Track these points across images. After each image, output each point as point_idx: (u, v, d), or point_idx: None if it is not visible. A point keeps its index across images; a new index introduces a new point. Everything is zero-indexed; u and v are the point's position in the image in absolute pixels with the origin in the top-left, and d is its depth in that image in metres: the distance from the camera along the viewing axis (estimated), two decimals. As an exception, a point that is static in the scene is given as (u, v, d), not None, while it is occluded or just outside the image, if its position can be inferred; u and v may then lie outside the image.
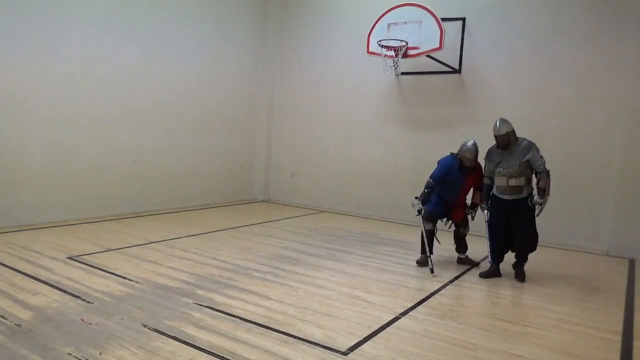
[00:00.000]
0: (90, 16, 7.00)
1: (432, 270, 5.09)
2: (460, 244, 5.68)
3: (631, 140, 6.39)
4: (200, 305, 3.88)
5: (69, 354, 2.95)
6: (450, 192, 5.45)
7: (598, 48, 6.75)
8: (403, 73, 8.21)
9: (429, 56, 7.37)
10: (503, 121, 4.99)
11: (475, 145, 5.30)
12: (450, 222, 5.64)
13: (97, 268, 4.75)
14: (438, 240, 5.50)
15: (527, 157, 4.89)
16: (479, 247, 6.58)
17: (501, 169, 4.98)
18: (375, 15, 7.76)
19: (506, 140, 4.94)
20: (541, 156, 4.92)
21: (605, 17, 6.68)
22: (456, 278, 5.03)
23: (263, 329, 3.45)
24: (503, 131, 4.93)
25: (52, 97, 6.68)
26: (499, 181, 5.01)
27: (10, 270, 4.52)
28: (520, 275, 5.03)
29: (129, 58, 7.58)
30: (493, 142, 7.63)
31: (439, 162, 5.54)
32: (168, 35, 8.15)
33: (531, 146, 4.93)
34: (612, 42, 6.64)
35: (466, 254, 5.68)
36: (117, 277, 4.50)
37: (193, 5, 8.57)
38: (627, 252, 6.37)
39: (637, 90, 6.39)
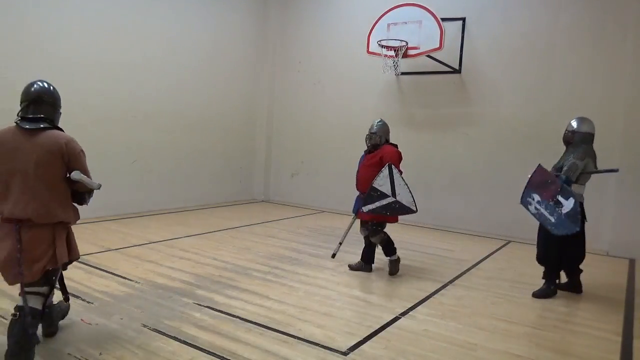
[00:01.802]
0: (89, 15, 7.00)
1: (333, 255, 5.16)
2: (384, 247, 5.04)
3: (631, 140, 6.39)
4: (200, 305, 3.88)
5: (69, 354, 2.95)
6: (357, 179, 5.04)
7: (598, 48, 6.75)
8: (403, 73, 8.21)
9: (429, 56, 7.37)
10: (579, 119, 4.66)
11: (380, 121, 5.03)
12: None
13: (97, 268, 4.75)
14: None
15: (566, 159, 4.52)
16: (479, 246, 6.59)
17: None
18: (375, 15, 7.76)
19: (567, 137, 4.67)
20: (574, 162, 4.40)
21: (605, 17, 6.69)
22: (456, 278, 5.03)
23: (263, 329, 3.45)
24: (569, 127, 4.65)
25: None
26: None
27: (10, 270, 4.51)
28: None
29: (129, 58, 7.57)
30: (491, 141, 7.73)
31: None
32: (168, 35, 8.15)
33: (575, 151, 4.51)
34: (612, 42, 6.65)
35: (395, 257, 5.02)
36: (117, 277, 4.50)
37: (193, 5, 8.56)
38: (627, 252, 6.38)
39: (637, 90, 6.40)
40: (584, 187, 4.53)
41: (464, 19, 7.63)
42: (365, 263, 5.14)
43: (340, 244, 5.16)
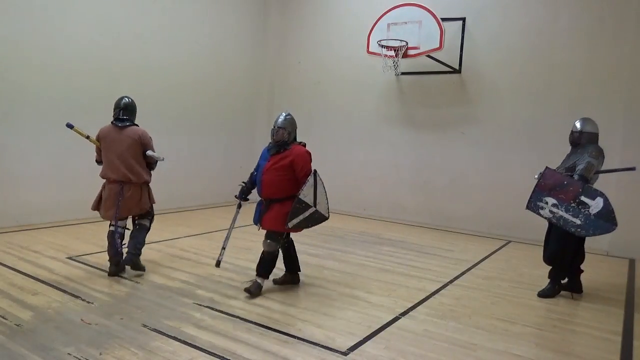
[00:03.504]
0: (90, 16, 7.00)
1: (218, 263, 4.47)
2: (286, 259, 4.55)
3: (631, 140, 6.39)
4: (200, 305, 3.88)
5: (69, 354, 2.95)
6: (257, 182, 4.32)
7: (597, 47, 6.75)
8: (403, 73, 8.21)
9: (429, 56, 7.37)
10: (584, 120, 4.65)
11: (288, 114, 4.33)
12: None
13: (97, 268, 4.75)
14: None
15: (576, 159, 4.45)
16: (479, 246, 6.59)
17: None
18: (375, 15, 7.77)
19: (573, 138, 4.65)
20: (590, 161, 4.33)
21: (605, 16, 6.69)
22: (456, 278, 5.02)
23: (263, 329, 3.45)
24: (575, 128, 4.63)
25: (52, 97, 6.68)
26: None
27: (10, 270, 4.52)
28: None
29: (129, 59, 7.58)
30: (491, 141, 7.72)
31: None
32: (167, 35, 8.15)
33: (586, 151, 4.46)
34: (611, 42, 6.65)
35: (262, 281, 4.30)
36: (117, 277, 4.50)
37: (192, 5, 8.56)
38: (627, 252, 6.38)
39: (636, 90, 6.40)
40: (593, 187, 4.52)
41: (464, 19, 7.63)
42: (291, 273, 4.56)
43: (224, 248, 4.53)
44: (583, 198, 4.18)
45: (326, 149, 9.48)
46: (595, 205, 4.14)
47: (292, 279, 4.58)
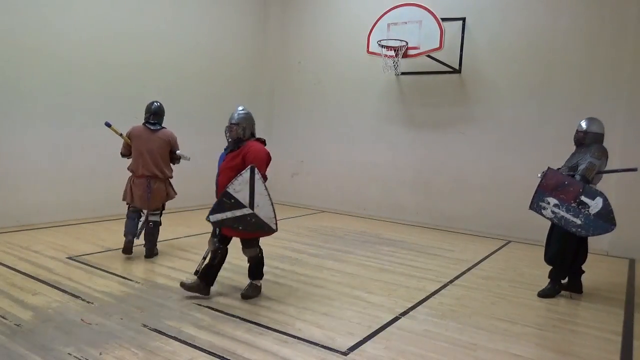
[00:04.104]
0: (89, 16, 7.00)
1: (196, 272, 4.17)
2: (252, 267, 4.18)
3: (631, 140, 6.39)
4: (200, 305, 3.88)
5: (69, 354, 2.95)
6: (216, 184, 4.10)
7: (598, 47, 6.74)
8: (403, 73, 8.21)
9: (429, 56, 7.37)
10: (589, 120, 4.64)
11: (243, 109, 4.16)
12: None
13: (97, 268, 4.75)
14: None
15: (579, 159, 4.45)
16: (479, 246, 6.59)
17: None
18: (375, 15, 7.77)
19: (578, 138, 4.64)
20: (592, 161, 4.33)
21: (604, 17, 6.69)
22: (456, 278, 5.03)
23: (263, 329, 3.45)
24: (580, 128, 4.61)
25: (52, 97, 6.68)
26: None
27: (10, 270, 4.52)
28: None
29: (130, 59, 7.58)
30: (491, 141, 7.72)
31: None
32: (167, 35, 8.15)
33: (589, 151, 4.45)
34: (611, 42, 6.64)
35: (259, 282, 4.20)
36: (117, 277, 4.50)
37: (192, 5, 8.56)
38: (627, 252, 6.38)
39: (637, 90, 6.39)
40: (595, 187, 4.51)
41: (464, 19, 7.63)
42: (205, 283, 4.05)
43: (204, 258, 4.19)
44: (583, 198, 4.19)
45: (326, 149, 9.50)
46: (595, 205, 4.15)
47: (200, 288, 4.01)
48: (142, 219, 5.21)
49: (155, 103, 5.34)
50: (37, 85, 6.49)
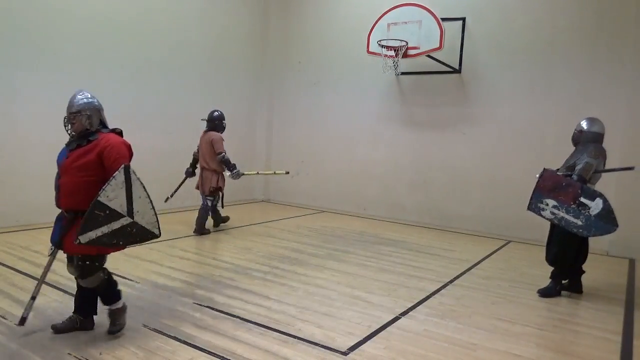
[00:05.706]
0: (91, 17, 7.00)
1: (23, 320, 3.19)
2: (101, 293, 3.26)
3: (631, 140, 6.38)
4: (200, 305, 3.88)
5: (69, 353, 2.95)
6: (55, 188, 3.20)
7: (597, 48, 6.74)
8: (403, 73, 8.21)
9: (429, 56, 7.37)
10: (589, 120, 4.62)
11: (83, 94, 3.30)
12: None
13: (97, 268, 4.74)
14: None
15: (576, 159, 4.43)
16: (479, 246, 6.59)
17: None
18: (375, 15, 7.76)
19: (575, 137, 4.65)
20: (588, 161, 4.32)
21: (604, 17, 6.69)
22: (456, 278, 5.02)
23: (263, 329, 3.45)
24: (578, 127, 4.61)
25: (52, 97, 6.67)
26: None
27: (10, 270, 4.53)
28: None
29: (130, 58, 7.58)
30: (491, 141, 7.72)
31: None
32: (167, 35, 8.15)
33: (586, 150, 4.44)
34: (611, 42, 6.64)
35: (119, 304, 3.27)
36: (117, 277, 4.47)
37: (192, 5, 8.56)
38: (627, 252, 6.37)
39: (637, 90, 6.39)
40: (594, 186, 4.51)
41: (464, 19, 7.63)
42: (83, 316, 3.29)
43: (34, 299, 3.21)
44: (583, 199, 4.18)
45: (326, 149, 9.50)
46: (595, 206, 4.14)
47: (78, 324, 3.26)
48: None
49: (214, 112, 6.83)
50: (36, 85, 6.49)
